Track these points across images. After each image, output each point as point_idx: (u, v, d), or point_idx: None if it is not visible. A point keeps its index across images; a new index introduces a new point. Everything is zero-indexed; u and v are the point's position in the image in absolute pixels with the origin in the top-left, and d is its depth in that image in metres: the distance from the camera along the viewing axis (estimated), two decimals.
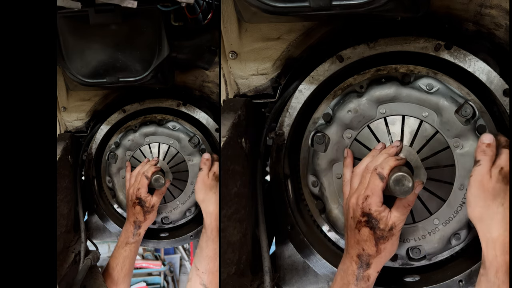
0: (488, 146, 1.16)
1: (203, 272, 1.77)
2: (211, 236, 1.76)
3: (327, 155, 1.39)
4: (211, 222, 1.77)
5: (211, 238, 1.76)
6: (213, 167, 1.84)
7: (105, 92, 2.12)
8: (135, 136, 2.08)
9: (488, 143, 1.16)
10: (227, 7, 1.38)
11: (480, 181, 1.14)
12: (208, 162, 1.84)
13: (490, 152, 1.15)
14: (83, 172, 2.17)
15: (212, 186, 1.81)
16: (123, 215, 2.20)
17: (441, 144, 1.28)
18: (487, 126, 1.26)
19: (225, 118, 1.33)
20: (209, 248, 1.76)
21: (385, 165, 1.20)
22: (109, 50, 1.69)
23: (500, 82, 1.22)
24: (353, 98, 1.35)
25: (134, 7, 1.52)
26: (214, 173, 1.82)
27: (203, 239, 1.79)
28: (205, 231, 1.79)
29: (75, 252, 2.10)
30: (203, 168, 1.83)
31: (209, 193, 1.81)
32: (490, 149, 1.15)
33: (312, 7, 1.02)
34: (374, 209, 1.19)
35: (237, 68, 1.45)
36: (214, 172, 1.82)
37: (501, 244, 1.11)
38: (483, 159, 1.16)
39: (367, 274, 1.23)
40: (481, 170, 1.15)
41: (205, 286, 1.77)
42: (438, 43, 1.25)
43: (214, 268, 1.76)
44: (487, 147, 1.16)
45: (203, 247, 1.78)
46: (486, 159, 1.15)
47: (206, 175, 1.82)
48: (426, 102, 1.29)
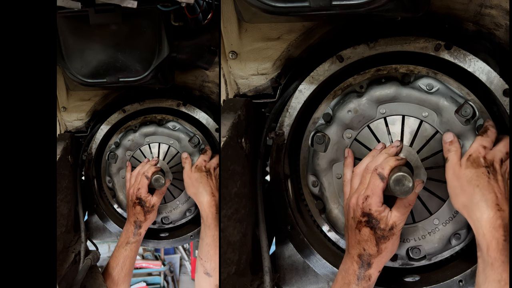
0: (451, 144, 1.23)
1: (205, 260, 1.81)
2: (207, 223, 1.81)
3: (327, 155, 1.39)
4: (204, 210, 1.83)
5: (207, 225, 1.81)
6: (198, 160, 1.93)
7: (105, 92, 2.12)
8: (135, 136, 2.08)
9: (450, 141, 1.23)
10: (227, 7, 1.38)
11: (452, 173, 1.20)
12: (188, 159, 1.95)
13: (454, 148, 1.23)
14: (83, 172, 2.17)
15: (197, 177, 1.88)
16: (123, 215, 2.20)
17: (441, 144, 1.28)
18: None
19: (225, 118, 1.33)
20: (207, 236, 1.81)
21: (385, 165, 1.20)
22: (109, 50, 1.69)
23: (500, 82, 1.22)
24: (353, 98, 1.35)
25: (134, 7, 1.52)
26: (196, 165, 1.91)
27: (202, 229, 1.85)
28: (203, 221, 1.84)
29: (75, 252, 2.09)
30: (185, 165, 1.94)
31: (196, 185, 1.88)
32: (453, 146, 1.23)
33: (312, 7, 1.02)
34: (374, 209, 1.20)
35: (237, 68, 1.45)
36: (196, 165, 1.91)
37: (486, 222, 1.12)
38: (449, 155, 1.22)
39: (368, 274, 1.23)
40: (450, 164, 1.21)
41: (208, 274, 1.80)
42: (438, 43, 1.25)
43: (215, 254, 1.79)
44: (450, 144, 1.23)
45: (202, 237, 1.83)
46: (452, 154, 1.22)
47: (189, 170, 1.91)
48: (426, 102, 1.29)
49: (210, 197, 1.83)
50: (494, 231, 1.10)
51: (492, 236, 1.10)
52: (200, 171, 1.88)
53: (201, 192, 1.85)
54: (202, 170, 1.88)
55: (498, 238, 1.09)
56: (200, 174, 1.87)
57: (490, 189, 1.13)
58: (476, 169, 1.16)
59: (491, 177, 1.14)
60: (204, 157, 1.93)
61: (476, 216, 1.14)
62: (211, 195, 1.83)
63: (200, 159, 1.93)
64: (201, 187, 1.85)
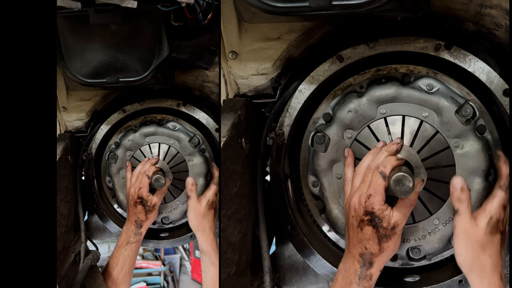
0: (462, 191, 1.15)
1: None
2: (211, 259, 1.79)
3: (327, 155, 1.39)
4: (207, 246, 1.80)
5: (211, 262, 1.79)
6: (207, 192, 1.84)
7: (105, 92, 2.12)
8: (135, 136, 2.08)
9: (461, 187, 1.15)
10: (227, 7, 1.38)
11: (465, 233, 1.14)
12: (194, 187, 1.86)
13: (465, 197, 1.14)
14: (83, 172, 2.17)
15: (205, 214, 1.82)
16: (123, 215, 2.20)
17: (441, 144, 1.28)
18: (487, 126, 1.26)
19: (225, 118, 1.32)
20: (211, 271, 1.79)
21: (387, 163, 1.20)
22: (109, 50, 1.69)
23: (500, 82, 1.22)
24: (353, 98, 1.35)
25: (134, 7, 1.52)
26: (208, 200, 1.82)
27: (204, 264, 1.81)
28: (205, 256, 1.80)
29: (75, 252, 2.09)
30: (191, 195, 1.86)
31: (201, 220, 1.83)
32: (464, 194, 1.14)
33: (312, 7, 1.02)
34: (377, 207, 1.19)
35: (237, 68, 1.45)
36: (208, 199, 1.82)
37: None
38: (461, 207, 1.15)
39: (369, 273, 1.23)
40: (463, 221, 1.14)
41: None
42: (438, 43, 1.25)
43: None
44: (461, 192, 1.15)
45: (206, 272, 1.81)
46: (464, 207, 1.14)
47: (197, 202, 1.84)
48: (426, 102, 1.29)
49: (212, 235, 1.81)
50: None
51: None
52: (209, 209, 1.82)
53: (204, 229, 1.82)
54: (212, 207, 1.82)
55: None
56: (209, 212, 1.82)
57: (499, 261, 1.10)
58: (494, 236, 1.10)
59: (502, 245, 1.11)
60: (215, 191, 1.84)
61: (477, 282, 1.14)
62: (212, 233, 1.81)
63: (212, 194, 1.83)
64: (207, 225, 1.82)
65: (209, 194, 1.85)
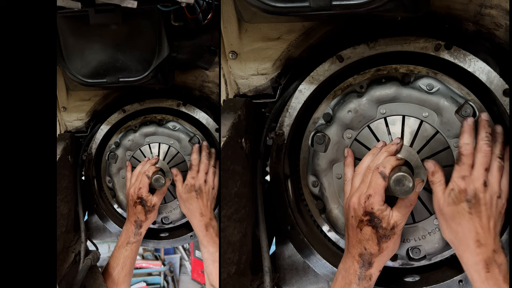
0: (433, 175, 1.22)
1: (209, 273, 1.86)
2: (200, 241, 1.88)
3: (327, 155, 1.39)
4: (196, 231, 1.89)
5: (201, 243, 1.87)
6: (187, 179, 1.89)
7: (105, 92, 2.12)
8: (135, 136, 2.08)
9: (432, 171, 1.22)
10: (227, 7, 1.38)
11: (437, 208, 1.21)
12: (179, 176, 1.93)
13: (436, 179, 1.21)
14: (83, 172, 2.17)
15: (186, 199, 1.88)
16: (123, 215, 2.20)
17: (441, 144, 1.29)
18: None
19: (225, 118, 1.33)
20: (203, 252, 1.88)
21: (387, 164, 1.20)
22: (109, 50, 1.69)
23: (500, 82, 1.22)
24: (353, 98, 1.35)
25: (134, 7, 1.52)
26: (186, 185, 1.88)
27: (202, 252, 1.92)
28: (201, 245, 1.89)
29: (75, 252, 2.09)
30: (177, 183, 1.93)
31: (186, 205, 1.89)
32: (435, 177, 1.22)
33: (312, 7, 1.02)
34: (376, 208, 1.19)
35: (237, 68, 1.45)
36: (186, 184, 1.88)
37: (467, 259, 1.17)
38: (433, 188, 1.22)
39: (369, 273, 1.23)
40: (435, 198, 1.21)
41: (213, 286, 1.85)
42: (438, 43, 1.25)
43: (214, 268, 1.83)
44: (432, 175, 1.22)
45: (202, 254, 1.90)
46: (436, 187, 1.22)
47: (180, 188, 1.90)
48: (426, 102, 1.29)
49: (199, 218, 1.85)
50: (475, 266, 1.15)
51: (474, 270, 1.15)
52: (189, 192, 1.87)
53: (191, 213, 1.88)
54: (191, 190, 1.87)
55: (479, 271, 1.14)
56: (189, 195, 1.87)
57: (470, 227, 1.15)
58: (457, 206, 1.16)
59: (472, 212, 1.14)
60: (192, 174, 1.89)
61: (459, 252, 1.20)
62: (200, 216, 1.85)
63: (188, 177, 1.88)
64: (191, 209, 1.88)
65: (186, 178, 1.89)
